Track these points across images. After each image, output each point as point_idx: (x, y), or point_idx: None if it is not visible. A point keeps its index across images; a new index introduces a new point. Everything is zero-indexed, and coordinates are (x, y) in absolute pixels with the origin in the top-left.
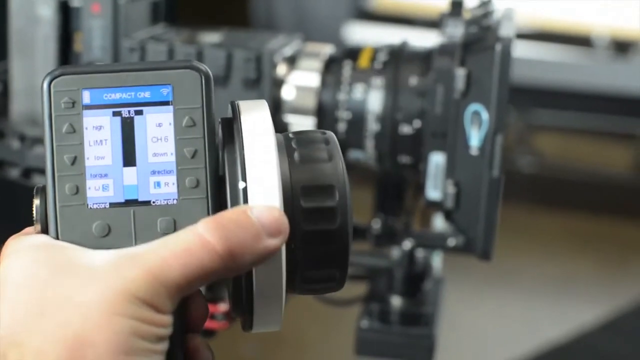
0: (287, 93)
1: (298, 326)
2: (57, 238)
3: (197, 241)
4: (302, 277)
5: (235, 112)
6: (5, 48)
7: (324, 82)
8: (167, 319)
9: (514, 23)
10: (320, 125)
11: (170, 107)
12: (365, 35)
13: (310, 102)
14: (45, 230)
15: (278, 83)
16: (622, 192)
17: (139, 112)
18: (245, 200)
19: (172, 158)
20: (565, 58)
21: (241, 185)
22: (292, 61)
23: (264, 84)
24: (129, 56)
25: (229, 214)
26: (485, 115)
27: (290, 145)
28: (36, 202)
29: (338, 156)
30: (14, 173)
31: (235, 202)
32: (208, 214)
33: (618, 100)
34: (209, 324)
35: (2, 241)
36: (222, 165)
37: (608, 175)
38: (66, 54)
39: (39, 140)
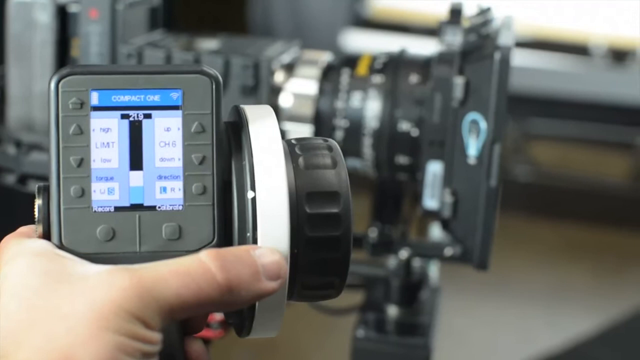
0: (285, 100)
1: (293, 335)
2: (60, 240)
3: (197, 266)
4: (302, 284)
5: (243, 117)
6: (3, 53)
7: (321, 90)
8: (156, 336)
9: (513, 32)
10: (318, 133)
11: (180, 112)
12: (362, 42)
13: (308, 109)
14: (47, 232)
15: (276, 90)
16: (618, 201)
17: (148, 116)
18: (254, 210)
19: (180, 163)
20: (562, 67)
21: (250, 194)
22: (290, 68)
23: (261, 91)
24: (126, 62)
25: (232, 250)
26: (483, 125)
27: (294, 151)
28: (38, 201)
29: (341, 163)
30: (10, 179)
31: (242, 211)
32: (213, 221)
33: (615, 109)
34: (204, 332)
35: None
36: (229, 171)
37: (605, 185)
38: (63, 60)
39: (36, 147)
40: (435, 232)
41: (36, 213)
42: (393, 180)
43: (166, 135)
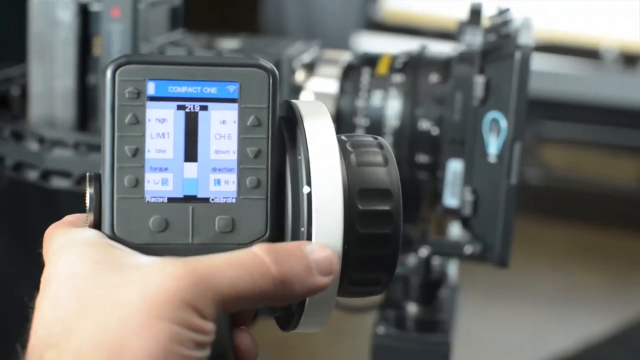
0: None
1: (309, 334)
2: (112, 230)
3: (252, 258)
4: (349, 279)
5: (297, 112)
6: (25, 51)
7: (342, 89)
8: (210, 325)
9: (532, 32)
10: (338, 132)
11: (236, 105)
12: (374, 45)
13: (329, 108)
14: (98, 221)
15: (296, 89)
16: (630, 204)
17: (204, 108)
18: (309, 205)
19: (234, 156)
20: (573, 70)
21: (306, 190)
22: (310, 68)
23: (282, 90)
24: None
25: (284, 245)
26: (503, 123)
27: (346, 148)
28: (90, 190)
29: (392, 161)
30: (33, 175)
31: (296, 206)
32: (266, 215)
33: (626, 112)
34: None
35: (16, 242)
36: (283, 166)
37: (616, 188)
38: (85, 58)
39: (58, 143)
40: (454, 230)
41: (87, 202)
42: (412, 179)
43: (222, 127)
